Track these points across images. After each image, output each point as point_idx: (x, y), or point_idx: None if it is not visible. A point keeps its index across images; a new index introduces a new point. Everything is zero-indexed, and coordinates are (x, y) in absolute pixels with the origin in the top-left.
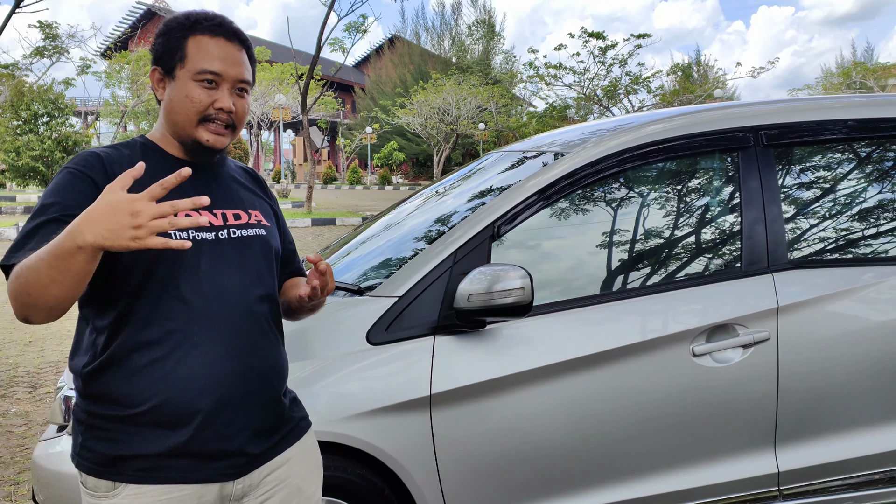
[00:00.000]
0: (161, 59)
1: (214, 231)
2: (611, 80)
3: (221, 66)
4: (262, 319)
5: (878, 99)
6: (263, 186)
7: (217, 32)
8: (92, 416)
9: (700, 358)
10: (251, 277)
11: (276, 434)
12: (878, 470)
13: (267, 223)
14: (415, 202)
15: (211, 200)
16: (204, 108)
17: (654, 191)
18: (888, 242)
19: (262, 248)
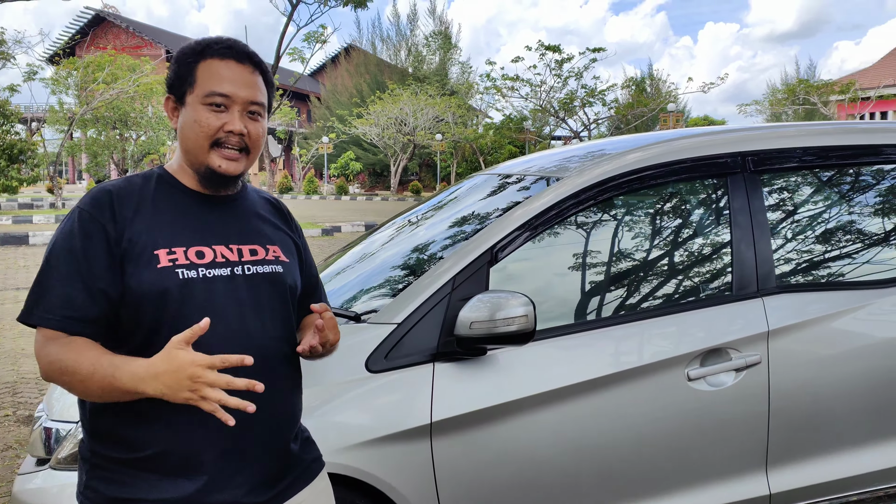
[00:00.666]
0: (173, 86)
1: (230, 267)
2: (567, 93)
3: (230, 88)
4: (277, 361)
5: (860, 126)
6: (287, 218)
7: (226, 55)
8: (96, 455)
9: (695, 382)
10: (266, 317)
11: (282, 481)
12: (866, 489)
13: (286, 259)
14: (405, 221)
15: (227, 234)
16: (213, 132)
17: (648, 216)
18: (871, 266)
19: (277, 286)
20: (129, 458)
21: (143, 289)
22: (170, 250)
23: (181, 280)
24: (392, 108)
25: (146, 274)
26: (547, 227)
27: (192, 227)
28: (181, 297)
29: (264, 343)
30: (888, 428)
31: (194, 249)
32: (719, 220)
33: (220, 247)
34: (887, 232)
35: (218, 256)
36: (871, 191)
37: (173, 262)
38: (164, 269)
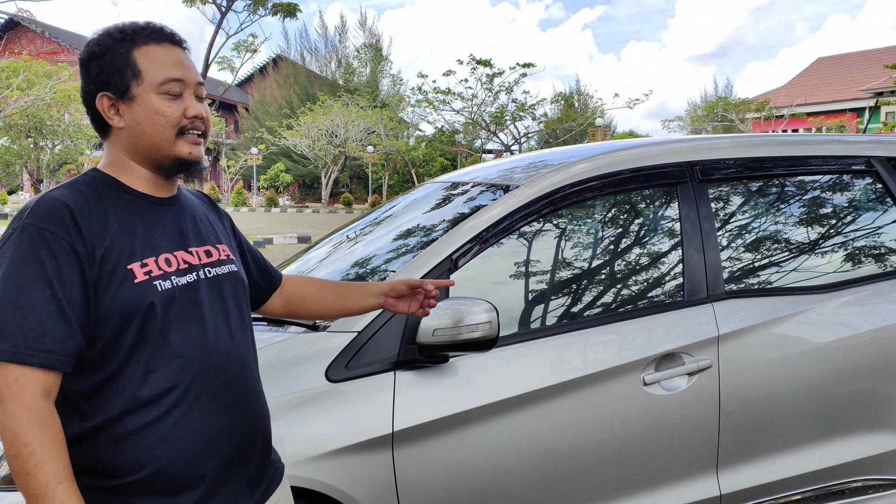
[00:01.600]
0: (108, 82)
1: (194, 272)
2: (498, 107)
3: (182, 72)
4: (250, 364)
5: (802, 138)
6: (218, 209)
7: (161, 39)
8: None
9: (650, 386)
10: (234, 320)
11: (264, 481)
12: (812, 487)
13: (234, 257)
14: (359, 229)
15: (184, 237)
16: (178, 120)
17: (602, 225)
18: (814, 272)
19: (236, 285)
20: (114, 485)
21: (126, 307)
22: (142, 262)
23: (161, 292)
24: (323, 120)
25: (125, 292)
26: (506, 235)
27: (154, 234)
28: (162, 311)
29: (238, 346)
30: (829, 429)
31: (163, 257)
32: (670, 228)
33: (180, 252)
34: (828, 238)
35: (181, 262)
36: (814, 200)
37: (149, 275)
38: (142, 283)
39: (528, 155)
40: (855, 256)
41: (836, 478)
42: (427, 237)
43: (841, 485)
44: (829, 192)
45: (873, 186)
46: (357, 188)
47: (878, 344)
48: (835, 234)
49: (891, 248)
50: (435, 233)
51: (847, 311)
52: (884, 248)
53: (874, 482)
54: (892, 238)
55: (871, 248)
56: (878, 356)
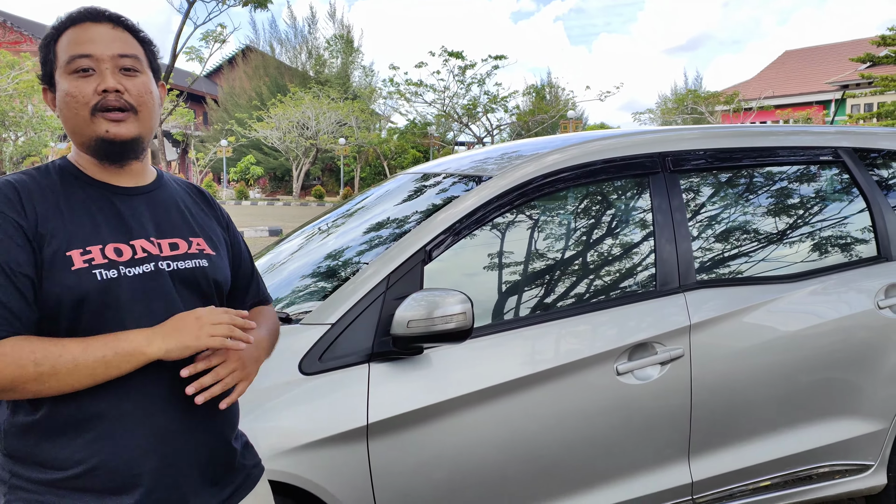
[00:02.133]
0: (43, 75)
1: (153, 262)
2: (470, 99)
3: (91, 47)
4: None
5: (772, 129)
6: (212, 205)
7: (78, 19)
8: (16, 476)
9: (623, 376)
10: None
11: (228, 486)
12: (781, 473)
13: (211, 251)
14: (331, 221)
15: (146, 227)
16: (88, 98)
17: (575, 216)
18: (783, 261)
19: (203, 281)
20: (55, 478)
21: (61, 293)
22: (84, 250)
23: (100, 282)
24: (294, 112)
25: (60, 278)
26: (480, 226)
27: (106, 222)
28: (101, 301)
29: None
30: (798, 416)
31: (112, 246)
32: (642, 218)
33: (139, 241)
34: (797, 228)
35: (139, 251)
36: (784, 190)
37: (89, 263)
38: (79, 271)
39: (501, 146)
40: (823, 246)
41: (804, 463)
42: (400, 229)
43: (809, 470)
44: (798, 182)
45: (841, 177)
46: (329, 181)
47: (845, 332)
48: (803, 224)
49: (857, 237)
50: (408, 224)
51: (815, 299)
52: (851, 238)
53: (841, 467)
54: (859, 228)
55: (839, 237)
56: (845, 344)
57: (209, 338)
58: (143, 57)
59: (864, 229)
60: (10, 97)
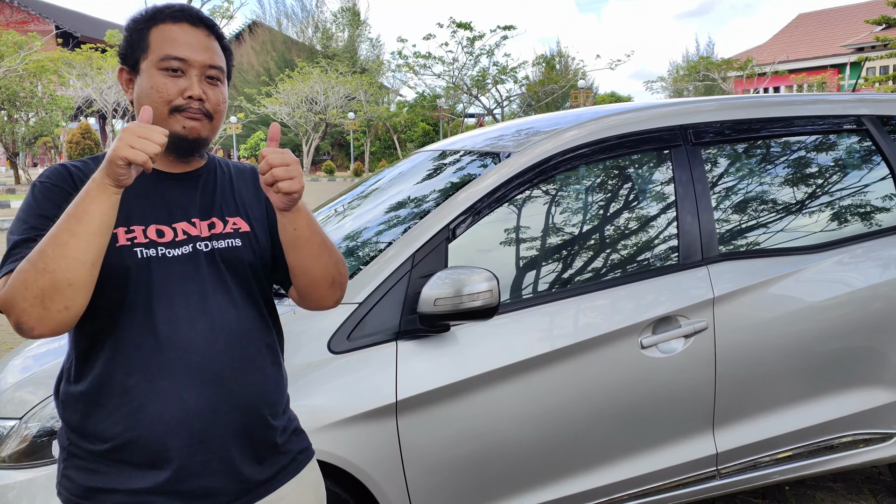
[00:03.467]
0: (126, 56)
1: (192, 243)
2: (479, 71)
3: (186, 51)
4: (243, 342)
5: (792, 98)
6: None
7: (179, 18)
8: (73, 444)
9: (648, 350)
10: (229, 294)
11: (273, 467)
12: (805, 443)
13: (247, 229)
14: (352, 199)
15: (189, 210)
16: (172, 98)
17: (598, 190)
18: (805, 232)
19: (236, 260)
20: (100, 449)
21: (104, 269)
22: (128, 229)
23: (140, 259)
24: (302, 87)
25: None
26: (501, 203)
27: (151, 205)
28: (141, 278)
29: (228, 322)
30: (822, 385)
31: (154, 228)
32: (664, 192)
33: (181, 224)
34: (821, 198)
35: (179, 234)
36: (807, 160)
37: (132, 241)
38: (122, 248)
39: (515, 122)
40: (846, 215)
41: (828, 433)
42: (422, 207)
43: (832, 439)
44: (820, 151)
45: (864, 145)
46: (339, 156)
47: (870, 301)
48: (827, 194)
49: (882, 206)
50: (430, 203)
51: (841, 269)
52: (875, 207)
53: (864, 436)
54: (883, 196)
55: (863, 206)
56: (870, 313)
57: (128, 149)
58: (225, 67)
59: (888, 197)
60: (21, 78)
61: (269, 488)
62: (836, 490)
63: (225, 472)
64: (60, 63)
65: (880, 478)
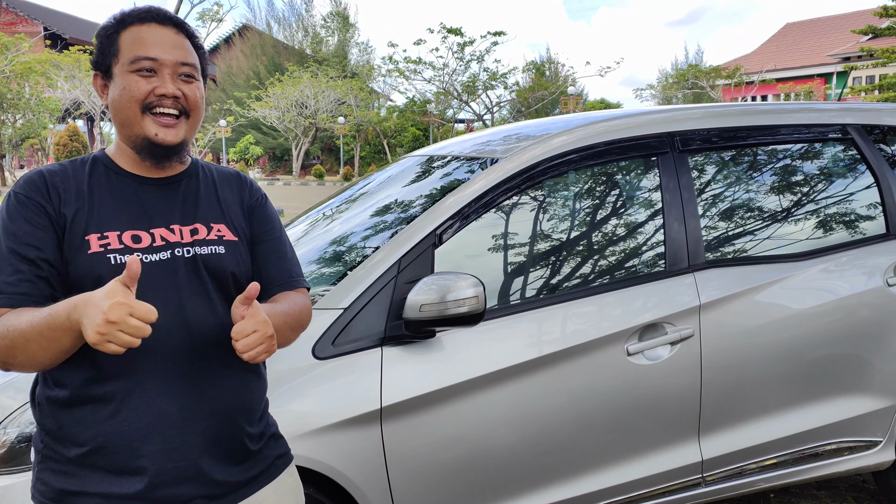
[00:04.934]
0: (98, 62)
1: (170, 249)
2: (469, 76)
3: (155, 51)
4: (220, 349)
5: (780, 107)
6: (242, 188)
7: (146, 19)
8: (48, 448)
9: (634, 357)
10: (208, 302)
11: (245, 472)
12: (790, 450)
13: (233, 237)
14: (339, 204)
15: (169, 216)
16: (143, 96)
17: (585, 196)
18: (792, 240)
19: (219, 267)
20: (75, 454)
21: (77, 276)
22: (101, 235)
23: (113, 266)
24: (292, 91)
25: (79, 261)
26: (489, 209)
27: (128, 210)
28: None
29: (206, 330)
30: (807, 393)
31: (130, 233)
32: (651, 199)
33: (160, 230)
34: (807, 206)
35: (157, 240)
36: (793, 168)
37: (105, 248)
38: (94, 254)
39: (503, 128)
40: (832, 224)
41: (813, 441)
42: (409, 212)
43: (817, 447)
44: (806, 160)
45: (849, 154)
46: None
47: (854, 310)
48: (813, 203)
49: (866, 214)
50: (417, 208)
51: (826, 277)
52: (860, 216)
53: (849, 444)
54: (868, 205)
55: (848, 215)
56: (854, 322)
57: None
58: (199, 64)
59: (873, 206)
60: (8, 79)
61: (245, 493)
62: (821, 498)
63: (198, 478)
64: (48, 65)
65: (864, 485)
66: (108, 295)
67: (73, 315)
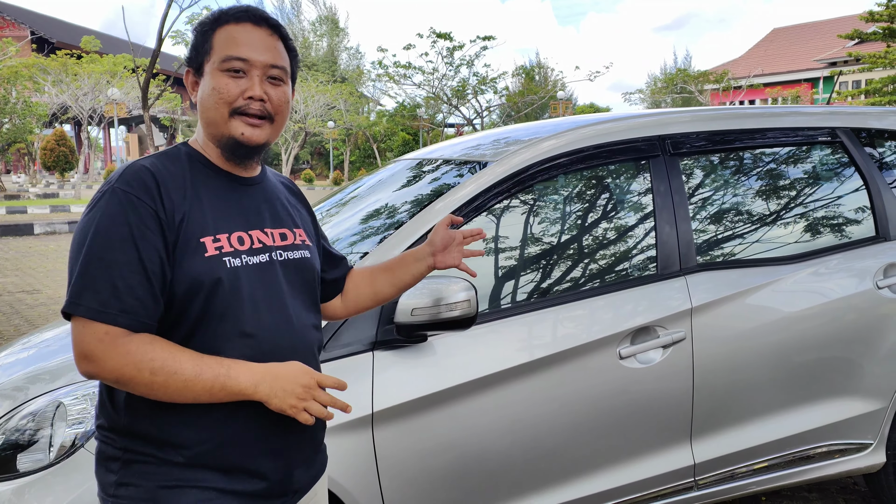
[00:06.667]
0: (191, 58)
1: (267, 252)
2: (459, 81)
3: (247, 51)
4: (314, 350)
5: (771, 111)
6: (302, 197)
7: (242, 18)
8: (133, 452)
9: (626, 360)
10: (301, 304)
11: (314, 467)
12: (782, 453)
13: (310, 243)
14: (328, 208)
15: (261, 218)
16: (233, 99)
17: (575, 200)
18: (783, 243)
19: (307, 272)
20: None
21: (194, 279)
22: (215, 237)
23: (229, 269)
24: None
25: (195, 263)
26: (479, 212)
27: (231, 211)
28: (230, 288)
29: (304, 332)
30: (797, 396)
31: (236, 235)
32: (642, 202)
33: (256, 232)
34: (798, 209)
35: (255, 242)
36: (783, 172)
37: (219, 251)
38: (211, 258)
39: (492, 131)
40: (822, 227)
41: (804, 443)
42: (399, 217)
43: (809, 450)
44: (796, 163)
45: (839, 157)
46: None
47: (845, 313)
48: (802, 206)
49: (856, 217)
50: (404, 213)
51: (815, 280)
52: (849, 219)
53: (840, 446)
54: (857, 208)
55: (838, 218)
56: (844, 324)
57: (302, 412)
58: (289, 67)
59: (862, 209)
60: None
61: (310, 484)
62: (812, 500)
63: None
64: (35, 69)
65: (855, 488)
66: (304, 373)
67: (259, 389)
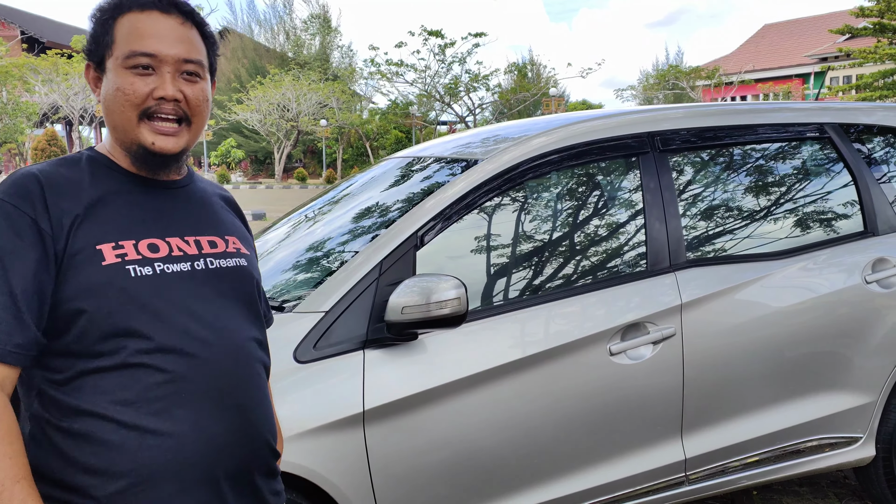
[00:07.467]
0: (91, 51)
1: (189, 261)
2: (451, 78)
3: (155, 45)
4: (256, 366)
5: (758, 107)
6: (239, 211)
7: (147, 5)
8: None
9: (616, 356)
10: (242, 315)
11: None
12: (772, 447)
13: (246, 251)
14: (320, 207)
15: (182, 224)
16: (141, 100)
17: (566, 196)
18: (772, 239)
19: (244, 281)
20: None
21: (89, 290)
22: (116, 244)
23: (135, 278)
24: (274, 94)
25: (91, 273)
26: (470, 210)
27: (140, 216)
28: (138, 299)
29: (245, 345)
30: (788, 391)
31: (146, 242)
32: (632, 199)
33: (174, 239)
34: (786, 205)
35: (174, 249)
36: (772, 167)
37: (122, 258)
38: (110, 266)
39: (483, 129)
40: (811, 222)
41: (795, 437)
42: (390, 215)
43: (799, 444)
44: (785, 159)
45: (827, 153)
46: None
47: (834, 307)
48: (792, 201)
49: (844, 213)
50: (398, 210)
51: (804, 276)
52: (838, 214)
53: (830, 440)
54: (846, 203)
55: (826, 213)
56: (834, 319)
57: None
58: (206, 60)
59: (850, 204)
60: None
61: None
62: (803, 494)
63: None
64: (25, 69)
65: (846, 481)
66: None
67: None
